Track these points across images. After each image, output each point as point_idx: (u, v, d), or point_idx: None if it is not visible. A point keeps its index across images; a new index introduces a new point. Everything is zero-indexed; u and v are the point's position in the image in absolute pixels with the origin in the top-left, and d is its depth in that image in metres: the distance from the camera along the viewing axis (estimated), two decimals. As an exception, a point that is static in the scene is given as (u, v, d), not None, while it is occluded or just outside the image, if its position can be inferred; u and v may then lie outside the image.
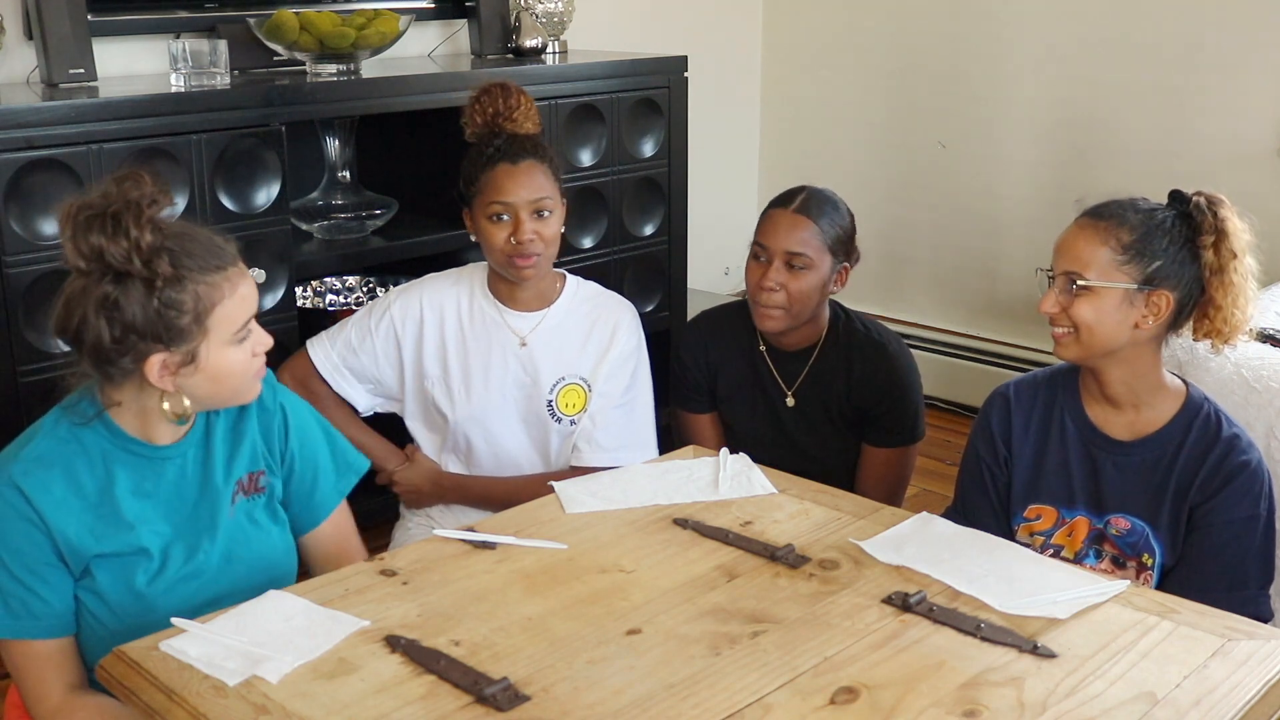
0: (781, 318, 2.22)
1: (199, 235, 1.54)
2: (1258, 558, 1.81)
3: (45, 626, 1.56)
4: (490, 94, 2.17)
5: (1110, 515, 1.86)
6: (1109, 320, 1.78)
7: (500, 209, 2.11)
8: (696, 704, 1.28)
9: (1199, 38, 3.38)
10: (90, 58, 2.65)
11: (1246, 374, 2.19)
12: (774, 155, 4.35)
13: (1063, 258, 1.81)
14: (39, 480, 1.53)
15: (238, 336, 1.56)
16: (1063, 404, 1.91)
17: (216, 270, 1.52)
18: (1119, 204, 1.82)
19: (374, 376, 2.27)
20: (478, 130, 2.17)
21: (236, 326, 1.55)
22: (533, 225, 2.11)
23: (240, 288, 1.55)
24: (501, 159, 2.13)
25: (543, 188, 2.13)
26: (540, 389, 2.22)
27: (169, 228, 1.50)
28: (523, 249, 2.11)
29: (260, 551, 1.68)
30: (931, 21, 3.89)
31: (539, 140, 2.18)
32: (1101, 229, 1.79)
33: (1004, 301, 3.90)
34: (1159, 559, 1.84)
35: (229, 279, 1.54)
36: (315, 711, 1.28)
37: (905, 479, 2.37)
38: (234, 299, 1.54)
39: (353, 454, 1.83)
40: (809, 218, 2.20)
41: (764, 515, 1.74)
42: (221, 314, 1.53)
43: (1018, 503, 1.92)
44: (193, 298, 1.50)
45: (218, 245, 1.55)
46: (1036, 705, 1.29)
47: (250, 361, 1.60)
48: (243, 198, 2.57)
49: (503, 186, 2.11)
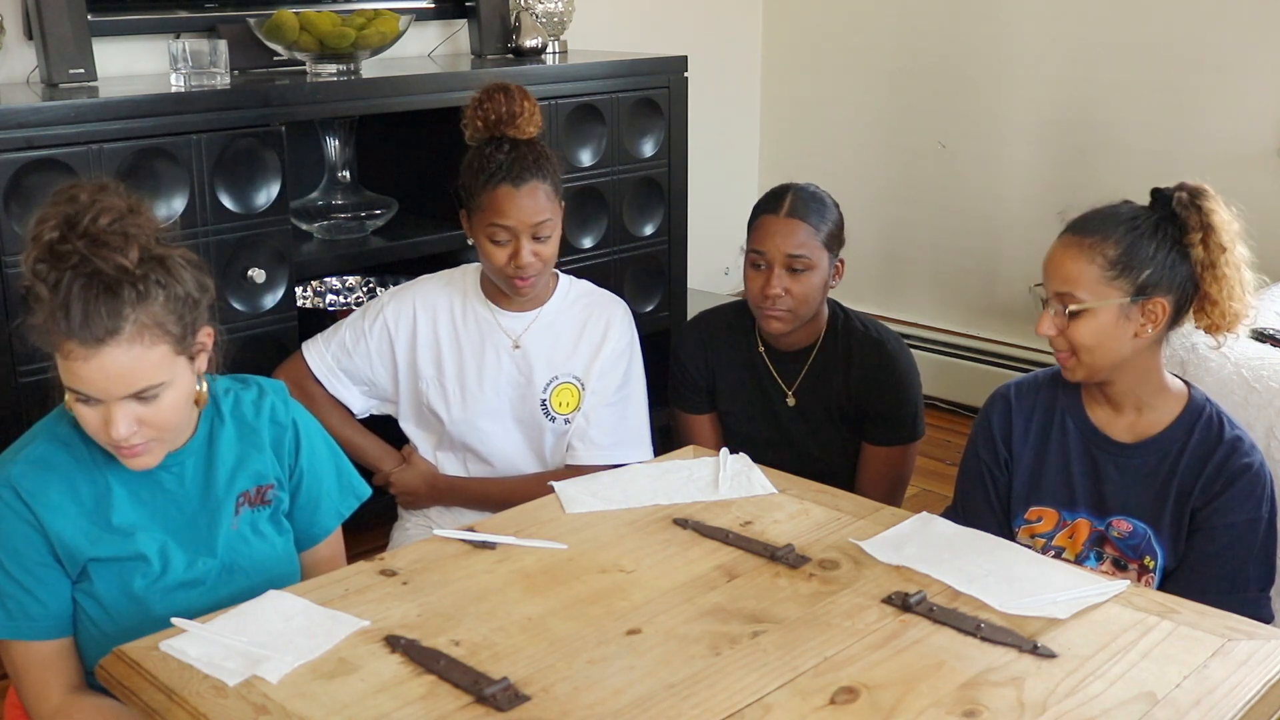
0: (789, 319, 2.22)
1: (89, 301, 1.41)
2: (1259, 560, 1.80)
3: (43, 627, 1.56)
4: (493, 99, 2.12)
5: (1112, 517, 1.86)
6: (1108, 337, 1.77)
7: (501, 232, 2.10)
8: (696, 704, 1.28)
9: (1199, 38, 3.38)
10: (90, 58, 2.65)
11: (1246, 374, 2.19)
12: (774, 155, 4.35)
13: (1052, 279, 1.79)
14: (36, 482, 1.53)
15: (72, 395, 1.47)
16: (1064, 405, 1.90)
17: (70, 338, 1.42)
18: (1100, 215, 1.79)
19: (368, 378, 2.27)
20: (478, 133, 2.15)
21: (68, 384, 1.46)
22: (532, 247, 2.10)
23: (75, 364, 1.42)
24: (504, 180, 2.08)
25: (544, 209, 2.10)
26: (534, 388, 2.22)
27: (75, 279, 1.41)
28: (522, 270, 2.11)
29: (262, 562, 1.67)
30: (931, 21, 3.89)
31: (541, 152, 2.13)
32: (1086, 246, 1.76)
33: (1004, 301, 3.90)
34: (1161, 561, 1.84)
35: (73, 353, 1.42)
36: (315, 711, 1.28)
37: (905, 478, 2.37)
38: (65, 364, 1.44)
39: (357, 480, 1.80)
40: (802, 219, 2.20)
41: (764, 515, 1.74)
42: (61, 363, 1.45)
43: (1019, 505, 1.92)
44: (48, 340, 1.45)
45: (95, 316, 1.41)
46: (1036, 705, 1.29)
47: (92, 426, 1.47)
48: (243, 198, 2.57)
49: (504, 210, 2.08)
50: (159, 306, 1.45)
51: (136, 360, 1.44)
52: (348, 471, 1.79)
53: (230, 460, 1.65)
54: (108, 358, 1.42)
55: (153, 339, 1.45)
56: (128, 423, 1.46)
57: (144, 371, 1.45)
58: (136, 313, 1.43)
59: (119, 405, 1.45)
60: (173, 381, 1.49)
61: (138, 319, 1.43)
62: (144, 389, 1.46)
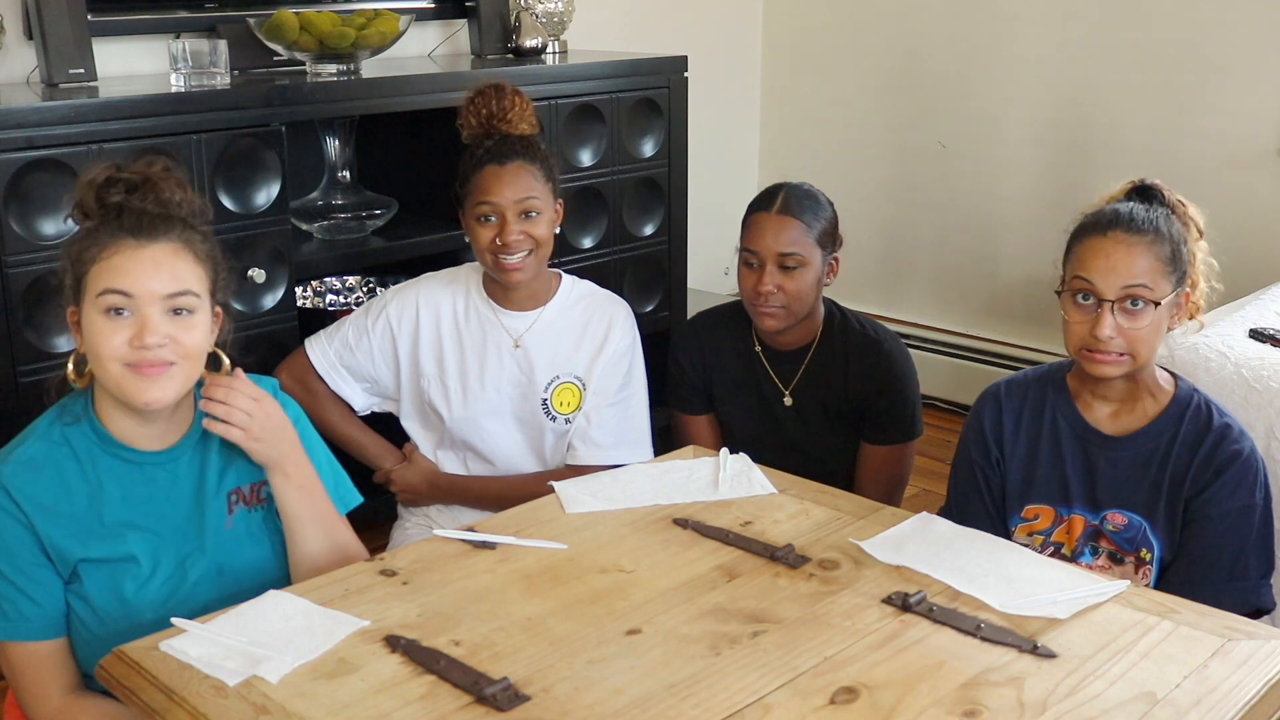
0: (783, 316, 2.22)
1: (149, 207, 1.55)
2: (1256, 547, 1.80)
3: (39, 628, 1.56)
4: (484, 95, 2.16)
5: (1106, 511, 1.86)
6: (1159, 332, 1.77)
7: (487, 209, 2.11)
8: (696, 704, 1.28)
9: (1199, 38, 3.38)
10: (90, 58, 2.65)
11: (1246, 374, 2.19)
12: (774, 155, 4.35)
13: (1122, 276, 1.74)
14: (27, 482, 1.54)
15: (100, 303, 1.51)
16: (1053, 402, 1.90)
17: (119, 235, 1.52)
18: (1137, 211, 1.78)
19: (370, 375, 2.27)
20: (473, 132, 2.17)
21: (98, 289, 1.50)
22: (520, 226, 2.11)
23: (120, 258, 1.51)
24: (489, 160, 2.12)
25: (530, 188, 2.12)
26: (535, 388, 2.22)
27: (138, 198, 1.54)
28: (508, 248, 2.11)
29: (254, 564, 1.67)
30: (931, 21, 3.89)
31: (531, 140, 2.18)
32: (1147, 241, 1.75)
33: (1004, 301, 3.90)
34: (1157, 553, 1.84)
35: (120, 248, 1.51)
36: (315, 711, 1.28)
37: (904, 476, 2.37)
38: (107, 263, 1.51)
39: (348, 487, 1.80)
40: (793, 216, 2.20)
41: (764, 515, 1.74)
42: (94, 272, 1.52)
43: (1014, 503, 1.92)
44: (87, 251, 1.53)
45: (146, 216, 1.54)
46: (1036, 705, 1.29)
47: (114, 342, 1.51)
48: (243, 198, 2.57)
49: (489, 187, 2.11)
50: (200, 242, 1.58)
51: (180, 262, 1.54)
52: (341, 480, 1.78)
53: (223, 456, 1.66)
54: (158, 251, 1.52)
55: (194, 258, 1.56)
56: (160, 332, 1.51)
57: (184, 274, 1.54)
58: (184, 233, 1.56)
59: (153, 313, 1.51)
60: (201, 309, 1.56)
61: (184, 236, 1.56)
62: (181, 292, 1.53)
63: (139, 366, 1.51)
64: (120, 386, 1.52)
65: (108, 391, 1.55)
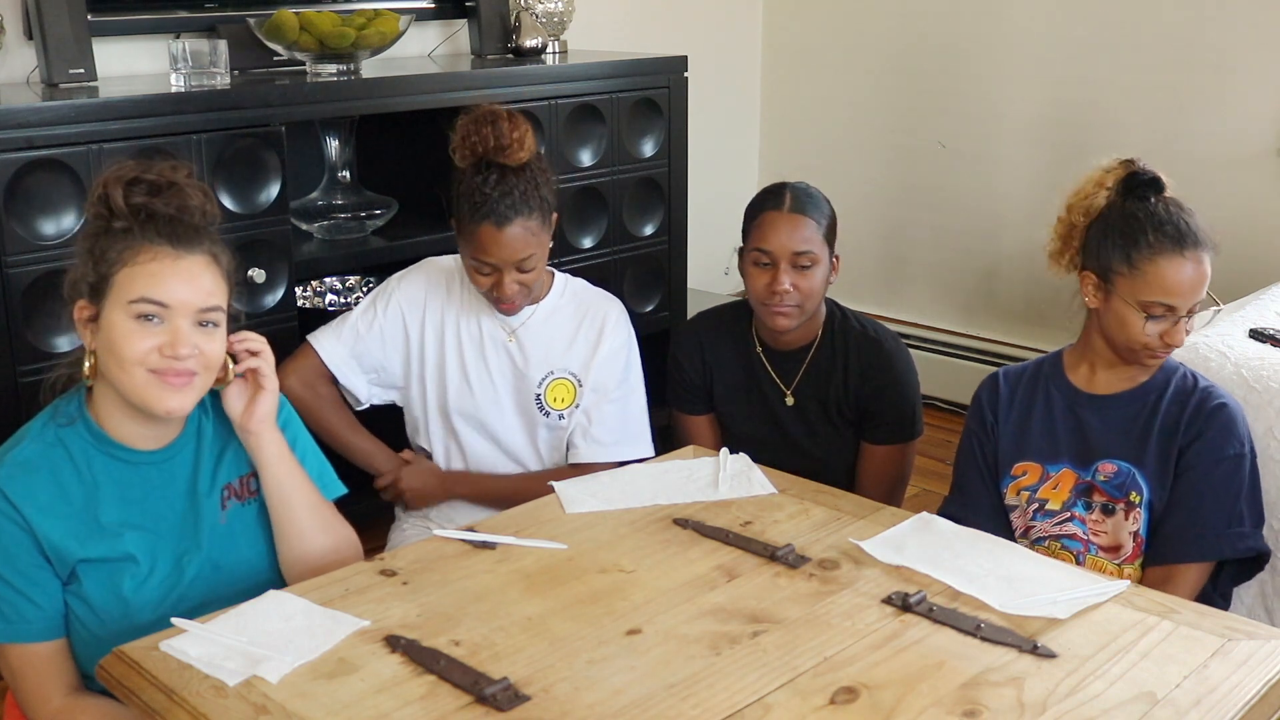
0: (796, 315, 2.22)
1: (173, 212, 1.56)
2: (1249, 496, 1.88)
3: (39, 629, 1.56)
4: (481, 133, 2.06)
5: (1097, 463, 1.93)
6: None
7: (484, 266, 2.11)
8: (696, 704, 1.28)
9: (1198, 38, 3.38)
10: (90, 58, 2.65)
11: (1246, 374, 2.19)
12: (774, 155, 4.35)
13: (1193, 292, 1.84)
14: (23, 484, 1.54)
15: (133, 309, 1.52)
16: (1047, 375, 2.01)
17: (156, 242, 1.53)
18: (1183, 222, 1.85)
19: (379, 364, 2.26)
20: (466, 161, 2.11)
21: (132, 295, 1.51)
22: (516, 278, 2.12)
23: (156, 265, 1.52)
24: (488, 218, 2.05)
25: (527, 246, 2.09)
26: (529, 382, 2.23)
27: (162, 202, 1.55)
28: (504, 299, 2.14)
29: (249, 559, 1.67)
30: (931, 21, 3.89)
31: (530, 180, 2.08)
32: (1204, 257, 1.85)
33: (1003, 301, 3.90)
34: (1146, 495, 1.90)
35: (158, 254, 1.53)
36: (315, 711, 1.28)
37: (904, 476, 2.37)
38: (143, 269, 1.52)
39: (332, 479, 1.79)
40: (805, 215, 2.20)
41: (764, 515, 1.75)
42: (125, 275, 1.52)
43: (1005, 463, 2.00)
44: (116, 251, 1.53)
45: (180, 225, 1.55)
46: (1036, 705, 1.29)
47: (142, 348, 1.52)
48: (243, 198, 2.57)
49: (487, 249, 2.08)
50: (223, 254, 1.60)
51: (212, 277, 1.57)
52: (326, 472, 1.79)
53: (215, 452, 1.67)
54: (194, 264, 1.55)
55: (221, 272, 1.60)
56: (190, 343, 1.54)
57: (214, 288, 1.57)
58: (212, 246, 1.59)
59: (185, 324, 1.54)
60: (224, 321, 1.60)
61: (212, 249, 1.59)
62: (213, 307, 1.56)
63: (164, 374, 1.52)
64: (141, 392, 1.53)
65: (122, 394, 1.55)
